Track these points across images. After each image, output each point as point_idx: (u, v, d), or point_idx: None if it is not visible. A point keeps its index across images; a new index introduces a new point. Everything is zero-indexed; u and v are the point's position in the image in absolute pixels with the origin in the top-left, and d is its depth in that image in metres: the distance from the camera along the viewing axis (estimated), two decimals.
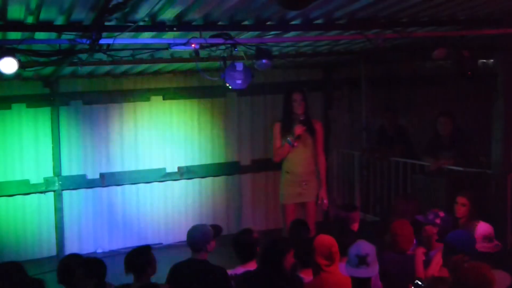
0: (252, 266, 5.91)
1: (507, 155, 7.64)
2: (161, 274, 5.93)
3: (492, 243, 6.29)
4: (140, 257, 5.80)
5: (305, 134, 8.07)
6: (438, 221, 6.30)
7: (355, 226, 6.76)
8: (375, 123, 10.49)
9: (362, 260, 4.96)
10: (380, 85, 10.90)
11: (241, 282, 5.65)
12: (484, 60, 9.74)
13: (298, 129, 8.00)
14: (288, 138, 8.04)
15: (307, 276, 5.66)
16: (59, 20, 5.72)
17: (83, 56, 6.89)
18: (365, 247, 5.06)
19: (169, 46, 6.54)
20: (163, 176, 9.94)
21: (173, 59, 8.41)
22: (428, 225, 6.35)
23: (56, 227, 9.34)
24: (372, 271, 5.03)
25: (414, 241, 6.32)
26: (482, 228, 6.41)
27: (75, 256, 6.02)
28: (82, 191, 9.53)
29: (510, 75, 7.60)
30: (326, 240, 5.47)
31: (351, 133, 11.00)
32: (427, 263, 6.11)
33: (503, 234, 7.34)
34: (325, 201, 8.24)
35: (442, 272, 5.77)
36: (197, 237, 5.94)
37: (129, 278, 5.80)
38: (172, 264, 6.00)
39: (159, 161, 9.94)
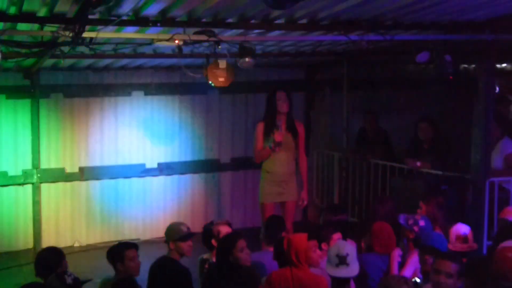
0: None
1: (486, 160, 7.68)
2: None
3: (466, 244, 6.35)
4: (112, 251, 5.80)
5: (287, 136, 8.02)
6: (416, 228, 6.34)
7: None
8: (355, 124, 10.52)
9: (342, 260, 4.98)
10: (362, 87, 10.93)
11: (207, 273, 5.85)
12: (466, 65, 9.82)
13: (278, 137, 7.88)
14: (269, 144, 7.96)
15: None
16: (42, 12, 5.68)
17: (65, 48, 6.84)
18: (345, 247, 5.08)
19: (152, 41, 6.52)
20: (142, 171, 9.92)
21: (156, 54, 8.38)
22: (406, 230, 6.40)
23: (34, 220, 9.28)
24: (352, 271, 5.04)
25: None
26: (456, 229, 6.46)
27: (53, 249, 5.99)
28: (60, 184, 9.49)
29: (490, 80, 7.65)
30: (302, 239, 5.47)
31: (331, 134, 11.02)
32: (402, 265, 6.16)
33: (480, 239, 7.39)
34: (305, 202, 8.26)
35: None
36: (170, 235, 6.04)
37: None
38: (149, 260, 6.02)
39: (139, 156, 9.91)
